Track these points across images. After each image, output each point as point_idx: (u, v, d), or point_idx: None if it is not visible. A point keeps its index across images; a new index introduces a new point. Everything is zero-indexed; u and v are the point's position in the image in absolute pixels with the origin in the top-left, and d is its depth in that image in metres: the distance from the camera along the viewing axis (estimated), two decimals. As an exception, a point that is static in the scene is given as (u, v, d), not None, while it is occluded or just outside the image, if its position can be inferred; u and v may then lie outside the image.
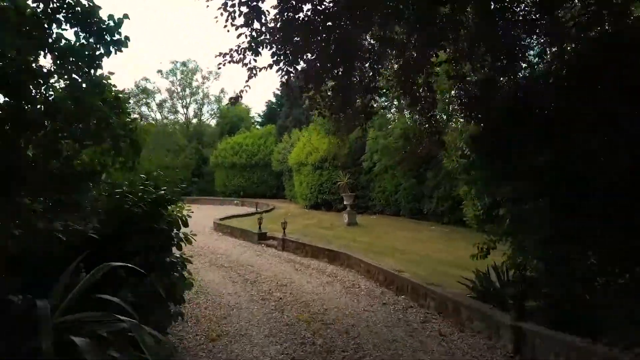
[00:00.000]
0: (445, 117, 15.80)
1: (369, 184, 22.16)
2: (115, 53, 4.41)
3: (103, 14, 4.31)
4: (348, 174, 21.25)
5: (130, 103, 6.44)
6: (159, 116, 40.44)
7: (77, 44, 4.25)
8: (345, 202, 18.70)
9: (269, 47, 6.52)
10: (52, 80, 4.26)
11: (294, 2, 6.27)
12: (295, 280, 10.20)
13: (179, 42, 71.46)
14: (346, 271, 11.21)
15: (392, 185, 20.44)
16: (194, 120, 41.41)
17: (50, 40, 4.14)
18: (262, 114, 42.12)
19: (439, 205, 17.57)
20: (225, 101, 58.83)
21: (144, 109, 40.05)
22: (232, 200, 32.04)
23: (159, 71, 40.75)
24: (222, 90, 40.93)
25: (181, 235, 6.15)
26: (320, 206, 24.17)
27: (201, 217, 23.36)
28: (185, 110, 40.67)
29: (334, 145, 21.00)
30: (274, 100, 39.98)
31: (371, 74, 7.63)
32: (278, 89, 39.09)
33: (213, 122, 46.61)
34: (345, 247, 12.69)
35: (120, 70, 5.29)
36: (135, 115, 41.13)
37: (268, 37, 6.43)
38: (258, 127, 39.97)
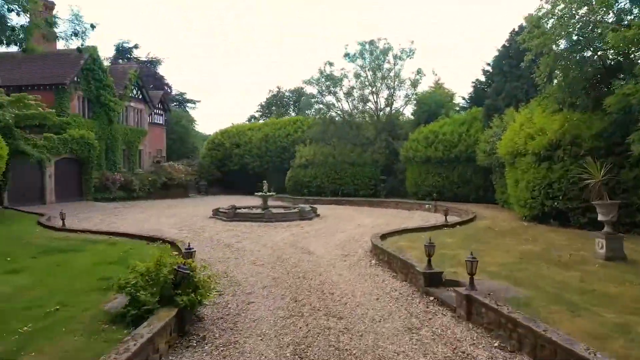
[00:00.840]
0: None
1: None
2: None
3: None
4: (602, 165, 12.38)
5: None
6: (346, 106, 35.57)
7: None
8: (601, 217, 10.23)
9: None
10: None
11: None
12: None
13: (365, 20, 66.34)
14: None
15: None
16: (386, 109, 35.42)
17: None
18: (467, 97, 34.02)
19: None
20: (423, 84, 51.68)
21: (329, 98, 35.50)
22: (423, 204, 25.00)
23: (346, 55, 35.82)
24: (418, 72, 34.09)
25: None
26: (547, 218, 15.65)
27: (368, 229, 17.04)
28: (374, 97, 35.00)
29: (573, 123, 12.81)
30: (482, 79, 31.56)
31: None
32: (488, 64, 30.68)
33: (408, 110, 40.09)
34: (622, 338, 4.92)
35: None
36: (320, 106, 37.25)
37: None
38: (461, 113, 32.01)
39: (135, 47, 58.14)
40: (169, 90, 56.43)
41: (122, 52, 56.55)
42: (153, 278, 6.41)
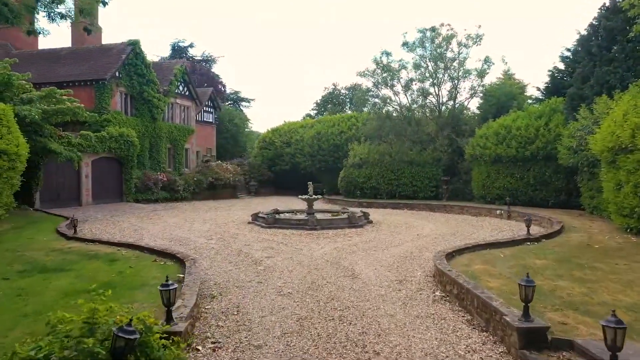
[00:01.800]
0: None
1: None
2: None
3: None
4: None
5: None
6: (404, 100, 32.46)
7: None
8: None
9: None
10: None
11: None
12: None
13: (425, 6, 62.44)
14: None
15: None
16: (448, 103, 32.00)
17: None
18: (542, 88, 30.08)
19: None
20: (492, 74, 47.42)
21: (385, 92, 32.45)
22: (494, 210, 21.66)
23: (404, 44, 32.72)
24: (485, 60, 30.48)
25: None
26: (663, 232, 12.16)
27: (429, 241, 14.09)
28: (436, 89, 31.65)
29: None
30: (560, 66, 27.63)
31: None
32: (568, 49, 26.78)
33: (473, 104, 36.32)
34: None
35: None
36: (376, 100, 34.28)
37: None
38: (535, 105, 28.18)
39: (191, 46, 57.57)
40: (222, 89, 55.29)
41: (178, 51, 55.99)
42: (77, 348, 3.92)
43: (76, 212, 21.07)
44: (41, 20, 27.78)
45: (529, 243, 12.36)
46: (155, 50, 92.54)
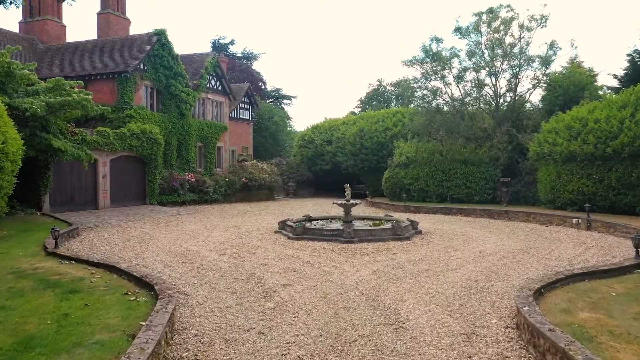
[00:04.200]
0: None
1: None
2: None
3: None
4: None
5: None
6: (456, 92, 29.03)
7: None
8: None
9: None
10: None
11: None
12: None
13: None
14: None
15: None
16: (507, 95, 28.31)
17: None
18: (619, 75, 26.06)
19: None
20: (559, 61, 42.92)
21: (435, 83, 29.07)
22: (568, 218, 18.12)
23: (457, 29, 29.28)
24: (551, 44, 26.66)
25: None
26: None
27: (496, 262, 10.89)
28: (493, 80, 28.06)
29: None
30: (643, 49, 23.58)
31: None
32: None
33: (535, 97, 32.28)
34: None
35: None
36: (425, 92, 30.90)
37: None
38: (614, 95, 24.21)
39: (231, 43, 55.80)
40: (263, 86, 53.21)
41: (218, 48, 54.20)
42: None
43: (89, 217, 19.06)
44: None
45: (636, 275, 9.03)
46: (195, 48, 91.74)
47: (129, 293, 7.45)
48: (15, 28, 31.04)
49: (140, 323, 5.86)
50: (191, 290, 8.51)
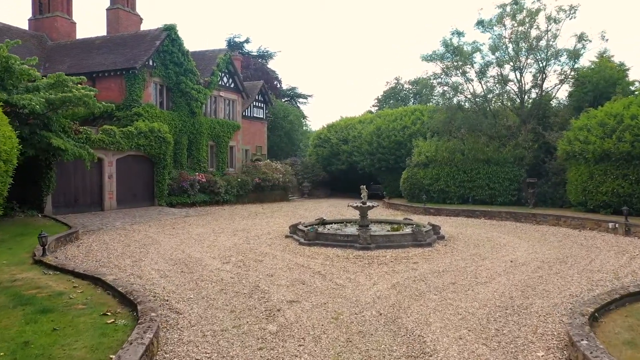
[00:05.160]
0: None
1: None
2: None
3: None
4: None
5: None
6: (478, 88, 27.64)
7: None
8: None
9: None
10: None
11: None
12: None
13: None
14: None
15: None
16: (532, 91, 26.85)
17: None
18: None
19: None
20: (587, 55, 41.19)
21: (456, 79, 27.74)
22: (603, 222, 16.73)
23: (479, 23, 27.94)
24: (580, 37, 25.15)
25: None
26: None
27: (530, 273, 9.78)
28: (517, 75, 26.64)
29: None
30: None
31: None
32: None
33: (562, 93, 30.80)
34: None
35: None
36: (445, 88, 29.63)
37: None
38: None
39: (247, 41, 54.87)
40: (278, 85, 52.23)
41: (233, 46, 53.33)
42: None
43: (93, 219, 18.23)
44: None
45: None
46: (211, 47, 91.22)
47: (109, 313, 6.42)
48: (24, 25, 30.36)
49: (110, 357, 4.82)
50: (185, 307, 7.47)
